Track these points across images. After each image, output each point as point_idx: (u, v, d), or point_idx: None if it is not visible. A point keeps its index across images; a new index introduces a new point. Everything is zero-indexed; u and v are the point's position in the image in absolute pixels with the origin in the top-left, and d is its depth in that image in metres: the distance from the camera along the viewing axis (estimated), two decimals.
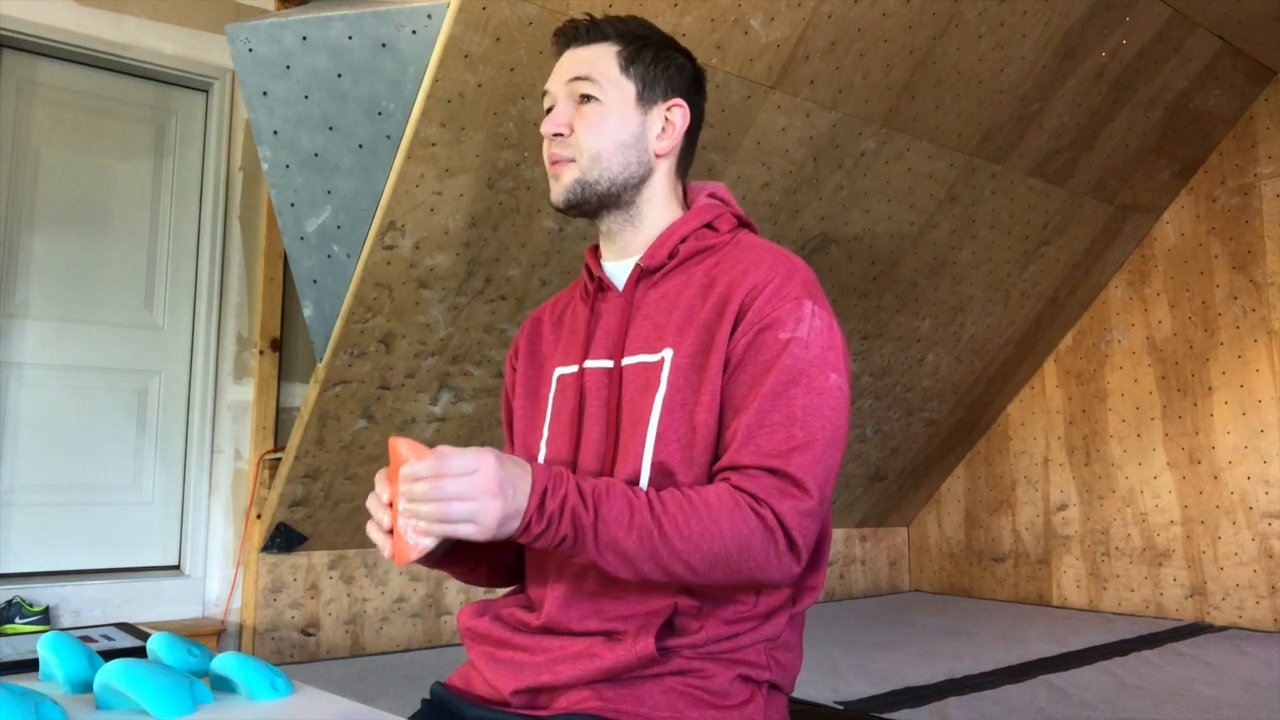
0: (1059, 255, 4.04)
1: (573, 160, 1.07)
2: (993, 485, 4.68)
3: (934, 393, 4.31)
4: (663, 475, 0.97)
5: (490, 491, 0.83)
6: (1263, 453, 3.77)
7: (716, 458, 0.98)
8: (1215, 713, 2.51)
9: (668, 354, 1.01)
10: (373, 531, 0.90)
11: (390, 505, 0.87)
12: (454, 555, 1.05)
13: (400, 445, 0.87)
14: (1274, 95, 3.89)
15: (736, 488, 0.93)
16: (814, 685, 2.82)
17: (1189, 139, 3.90)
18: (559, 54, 1.11)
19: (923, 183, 3.44)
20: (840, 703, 2.62)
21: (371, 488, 3.31)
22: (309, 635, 3.21)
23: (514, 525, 0.86)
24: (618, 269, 1.12)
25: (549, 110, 1.10)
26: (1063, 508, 4.39)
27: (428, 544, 0.86)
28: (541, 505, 0.86)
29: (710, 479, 0.98)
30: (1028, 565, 4.50)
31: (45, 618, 2.77)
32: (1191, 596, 3.94)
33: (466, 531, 0.83)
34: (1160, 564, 4.04)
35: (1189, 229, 4.07)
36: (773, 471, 0.93)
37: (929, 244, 3.68)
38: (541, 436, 1.09)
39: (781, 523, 0.92)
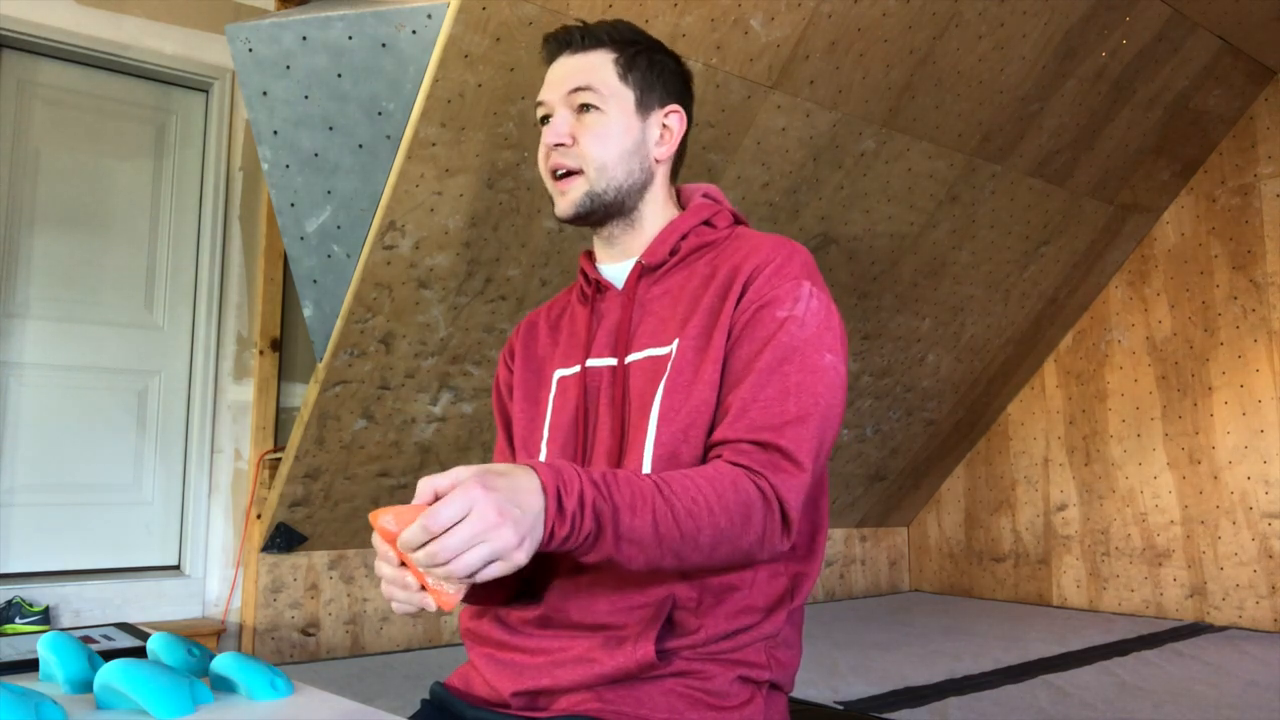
0: (1059, 255, 4.04)
1: (579, 172, 1.07)
2: (993, 485, 4.68)
3: (934, 393, 4.31)
4: (667, 456, 0.98)
5: (492, 524, 0.76)
6: (1263, 453, 3.77)
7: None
8: (1215, 713, 2.51)
9: (676, 343, 1.02)
10: (402, 607, 0.84)
11: (404, 565, 0.82)
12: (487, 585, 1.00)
13: (384, 521, 0.80)
14: (1274, 95, 3.88)
15: (731, 463, 0.93)
16: (814, 685, 2.82)
17: (1189, 139, 3.90)
18: (549, 61, 1.11)
19: (923, 183, 3.44)
20: (840, 703, 2.62)
21: (371, 488, 3.30)
22: (309, 635, 3.21)
23: (538, 536, 0.79)
24: (616, 270, 1.12)
25: (543, 119, 1.10)
26: (1063, 508, 4.39)
27: (464, 586, 0.80)
28: (560, 507, 0.81)
29: (705, 454, 0.98)
30: (1028, 565, 4.50)
31: (45, 618, 2.77)
32: (1191, 596, 3.94)
33: (496, 571, 0.77)
34: (1160, 564, 4.04)
35: (1189, 229, 4.07)
36: (764, 445, 0.93)
37: (929, 244, 3.68)
38: (542, 438, 1.09)
39: (778, 494, 0.92)
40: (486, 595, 1.05)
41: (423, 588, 0.81)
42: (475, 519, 0.75)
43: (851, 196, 3.33)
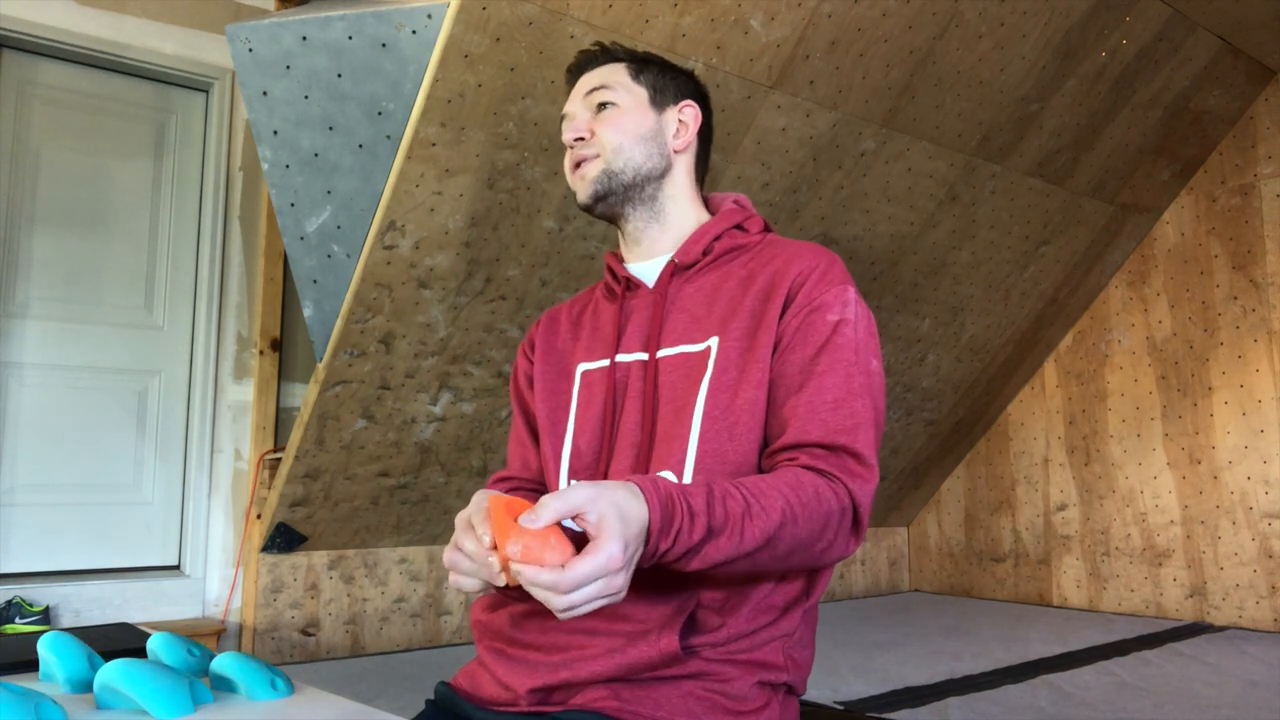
0: (1059, 255, 4.04)
1: (596, 156, 1.11)
2: (993, 485, 4.68)
3: (934, 393, 4.31)
4: (711, 453, 0.98)
5: (618, 589, 0.77)
6: (1263, 453, 3.77)
7: (765, 439, 0.99)
8: (1215, 713, 2.51)
9: (714, 342, 1.03)
10: (469, 582, 0.84)
11: (494, 548, 0.81)
12: None
13: (511, 549, 0.77)
14: (1274, 95, 3.88)
15: (807, 468, 0.94)
16: (814, 685, 2.82)
17: (1189, 139, 3.90)
18: (572, 84, 1.17)
19: (923, 183, 3.44)
20: (840, 703, 2.62)
21: (371, 488, 3.29)
22: (309, 635, 3.22)
23: None
24: (645, 268, 1.14)
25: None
26: (1063, 508, 4.39)
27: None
28: (655, 548, 0.82)
29: (762, 457, 0.99)
30: (1028, 565, 4.50)
31: (45, 618, 2.77)
32: (1191, 596, 3.94)
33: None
34: (1160, 564, 4.04)
35: (1189, 229, 4.07)
36: (838, 449, 0.95)
37: (929, 244, 3.68)
38: (566, 431, 1.10)
39: (853, 500, 0.94)
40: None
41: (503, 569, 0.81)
42: (606, 585, 0.76)
43: (851, 196, 3.33)
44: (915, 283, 3.80)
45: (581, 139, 1.11)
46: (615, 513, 0.77)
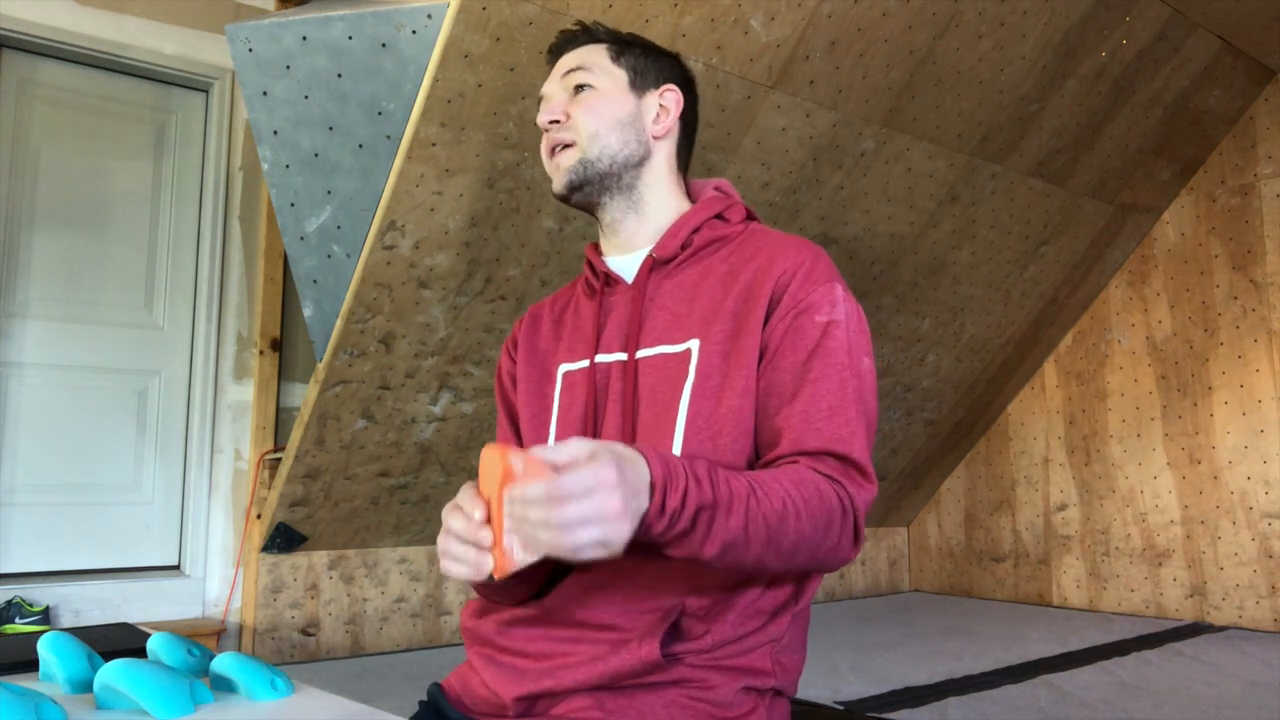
0: (1059, 255, 4.04)
1: (573, 144, 1.07)
2: (993, 485, 4.68)
3: (934, 393, 4.31)
4: None
5: (615, 514, 0.73)
6: (1263, 453, 3.77)
7: (753, 448, 0.97)
8: (1215, 713, 2.51)
9: (695, 344, 0.99)
10: (455, 567, 0.81)
11: (488, 521, 0.79)
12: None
13: (514, 461, 0.76)
14: (1274, 95, 3.88)
15: (812, 469, 0.92)
16: (814, 685, 2.82)
17: (1189, 139, 3.90)
18: (552, 64, 1.13)
19: (923, 183, 3.44)
20: (840, 703, 2.62)
21: (371, 488, 3.29)
22: (309, 635, 3.22)
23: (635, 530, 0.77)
24: (624, 263, 1.10)
25: None
26: (1063, 508, 4.39)
27: (532, 558, 0.77)
28: (662, 506, 0.79)
29: (751, 467, 0.97)
30: (1028, 565, 4.50)
31: (45, 618, 2.77)
32: (1191, 596, 3.94)
33: (594, 555, 0.74)
34: (1160, 564, 4.04)
35: (1189, 229, 4.07)
36: (839, 457, 0.93)
37: (929, 244, 3.68)
38: (549, 435, 1.08)
39: (854, 506, 0.92)
40: (508, 592, 1.02)
41: (492, 547, 0.79)
42: (600, 501, 0.73)
43: (851, 196, 3.33)
44: (915, 283, 3.80)
45: (557, 121, 1.07)
46: (608, 450, 0.76)
